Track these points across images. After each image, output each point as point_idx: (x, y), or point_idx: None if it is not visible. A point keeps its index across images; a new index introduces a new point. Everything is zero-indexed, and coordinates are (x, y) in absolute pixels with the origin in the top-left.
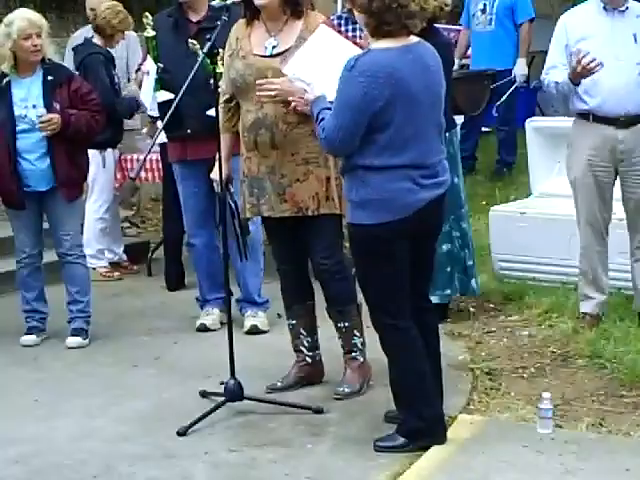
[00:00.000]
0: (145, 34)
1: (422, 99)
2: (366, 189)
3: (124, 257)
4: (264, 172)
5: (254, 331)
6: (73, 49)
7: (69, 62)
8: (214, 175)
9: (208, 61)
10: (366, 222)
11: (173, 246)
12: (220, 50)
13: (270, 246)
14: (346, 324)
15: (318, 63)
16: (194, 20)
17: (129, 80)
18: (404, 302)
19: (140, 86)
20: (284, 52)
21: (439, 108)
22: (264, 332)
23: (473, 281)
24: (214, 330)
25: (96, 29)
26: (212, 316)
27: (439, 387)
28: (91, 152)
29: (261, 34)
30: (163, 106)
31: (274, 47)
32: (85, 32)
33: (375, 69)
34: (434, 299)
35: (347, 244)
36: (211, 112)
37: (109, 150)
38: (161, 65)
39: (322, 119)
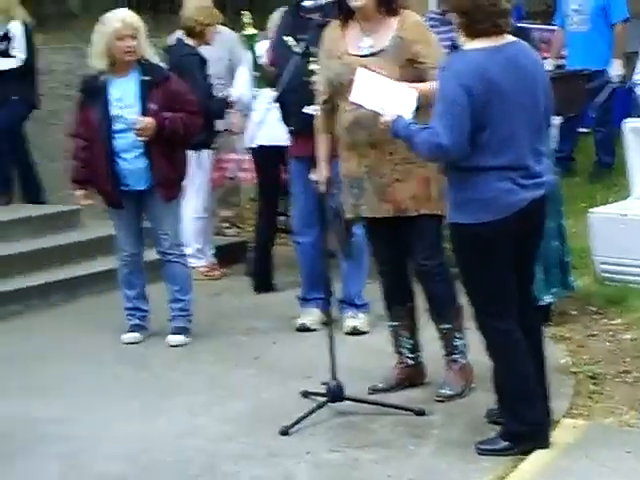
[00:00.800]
0: (245, 32)
1: (516, 99)
2: (467, 190)
3: (213, 260)
4: (363, 172)
5: (354, 332)
6: (165, 50)
7: None
8: (314, 176)
9: (305, 60)
10: (467, 222)
11: (262, 246)
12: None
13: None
14: (447, 326)
15: (376, 94)
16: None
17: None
18: (509, 303)
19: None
20: (380, 51)
21: (537, 108)
22: (364, 333)
23: (570, 278)
24: (314, 330)
25: (185, 30)
26: (312, 316)
27: (543, 390)
28: (187, 152)
29: (356, 34)
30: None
31: (370, 46)
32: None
33: (467, 68)
34: (549, 298)
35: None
36: (308, 110)
37: (204, 150)
38: (265, 62)
39: (419, 131)
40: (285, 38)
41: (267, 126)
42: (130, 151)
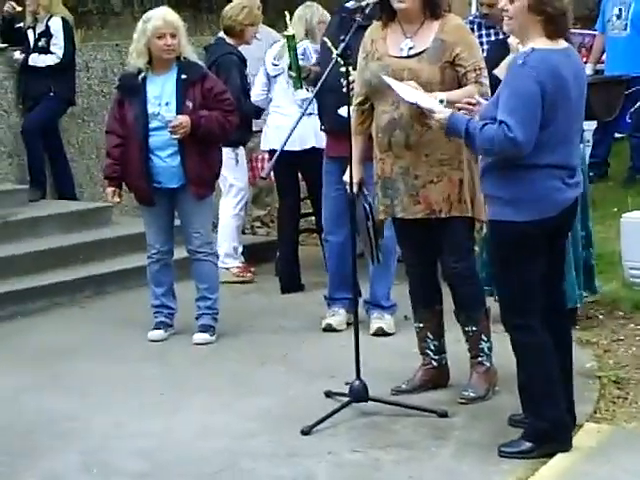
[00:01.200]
0: (285, 32)
1: (574, 102)
2: (518, 186)
3: (243, 260)
4: (398, 173)
5: (380, 333)
6: (205, 48)
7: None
8: (346, 177)
9: (342, 61)
10: (515, 219)
11: (286, 247)
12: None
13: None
14: (474, 328)
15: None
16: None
17: None
18: (538, 302)
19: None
20: (421, 52)
21: (583, 111)
22: (390, 334)
23: (595, 281)
24: (340, 330)
25: (225, 30)
26: (338, 316)
27: (570, 392)
28: (224, 150)
29: (397, 36)
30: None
31: (410, 48)
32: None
33: (544, 66)
34: (571, 303)
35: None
36: (342, 111)
37: (241, 148)
38: (304, 64)
39: (483, 126)
40: (325, 39)
41: (282, 131)
42: (165, 149)
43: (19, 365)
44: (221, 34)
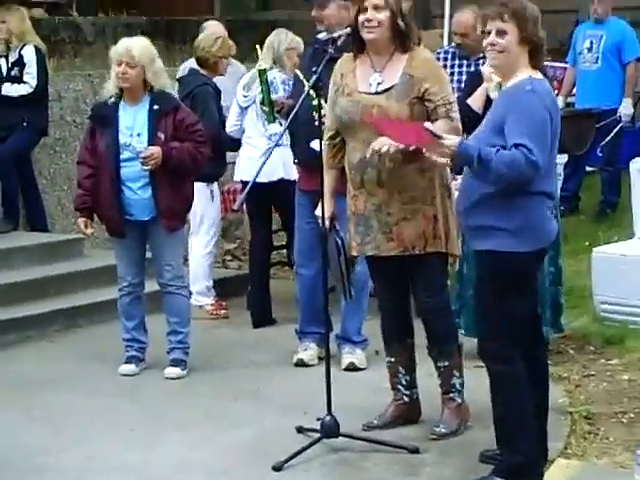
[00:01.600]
0: (257, 67)
1: (556, 132)
2: (521, 216)
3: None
4: (370, 210)
5: (351, 368)
6: (178, 80)
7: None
8: (318, 212)
9: (314, 94)
10: (519, 250)
11: (257, 281)
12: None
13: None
14: (446, 363)
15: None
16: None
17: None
18: (527, 334)
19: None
20: (389, 89)
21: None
22: (361, 369)
23: (562, 318)
24: (312, 365)
25: (198, 61)
26: (310, 351)
27: (543, 428)
28: (198, 185)
29: (366, 70)
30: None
31: (379, 84)
32: (191, 64)
33: (547, 94)
34: None
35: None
36: (314, 144)
37: (215, 183)
38: (276, 97)
39: (498, 150)
40: (297, 71)
41: (253, 162)
42: (136, 180)
43: None
44: (192, 64)
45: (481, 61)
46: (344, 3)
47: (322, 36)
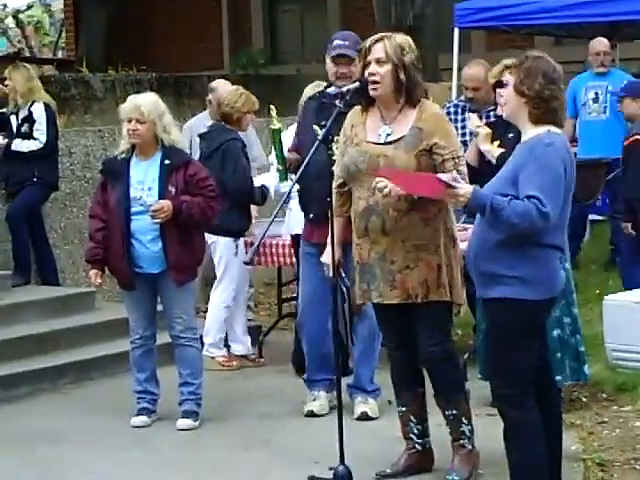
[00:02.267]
0: (271, 126)
1: (572, 185)
2: (531, 266)
3: (251, 350)
4: (374, 258)
5: (364, 418)
6: (201, 136)
7: (195, 148)
8: (324, 259)
9: (330, 147)
10: (531, 298)
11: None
12: (335, 137)
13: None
14: (454, 412)
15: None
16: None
17: None
18: (534, 381)
19: None
20: (398, 140)
21: None
22: (374, 419)
23: (585, 367)
24: (322, 415)
25: (223, 116)
26: (320, 400)
27: (559, 473)
28: (224, 240)
29: (376, 122)
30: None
31: (388, 135)
32: (203, 118)
33: (564, 148)
34: None
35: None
36: None
37: (241, 239)
38: (290, 156)
39: (511, 200)
40: (315, 127)
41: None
42: (146, 233)
43: (2, 451)
44: (205, 119)
45: (492, 113)
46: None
47: (331, 90)
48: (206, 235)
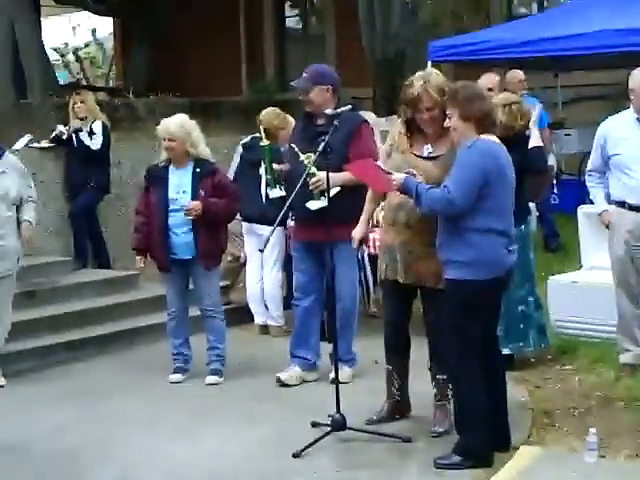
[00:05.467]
0: (261, 143)
1: (510, 181)
2: (474, 249)
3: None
4: (397, 245)
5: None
6: (243, 147)
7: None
8: (354, 233)
9: (312, 168)
10: (472, 278)
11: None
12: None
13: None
14: (444, 377)
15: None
16: (317, 123)
17: None
18: (479, 347)
19: None
20: (437, 157)
21: (514, 192)
22: (345, 383)
23: (547, 336)
24: (290, 385)
25: (264, 131)
26: (290, 372)
27: (505, 420)
28: (278, 229)
29: (421, 137)
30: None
31: (430, 152)
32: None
33: (486, 151)
34: (507, 350)
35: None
36: (309, 205)
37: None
38: (278, 168)
39: (430, 188)
40: (292, 145)
41: None
42: (181, 227)
43: (66, 404)
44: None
45: None
46: (325, 87)
47: (329, 111)
48: (259, 226)
